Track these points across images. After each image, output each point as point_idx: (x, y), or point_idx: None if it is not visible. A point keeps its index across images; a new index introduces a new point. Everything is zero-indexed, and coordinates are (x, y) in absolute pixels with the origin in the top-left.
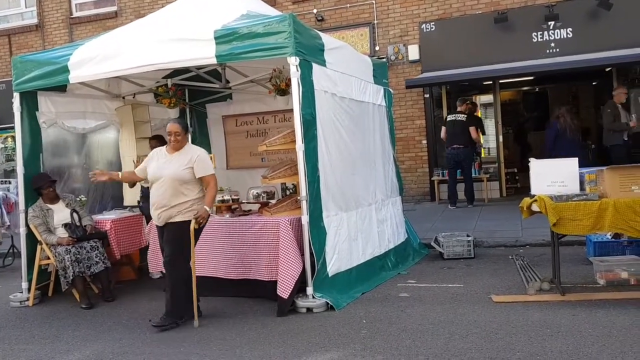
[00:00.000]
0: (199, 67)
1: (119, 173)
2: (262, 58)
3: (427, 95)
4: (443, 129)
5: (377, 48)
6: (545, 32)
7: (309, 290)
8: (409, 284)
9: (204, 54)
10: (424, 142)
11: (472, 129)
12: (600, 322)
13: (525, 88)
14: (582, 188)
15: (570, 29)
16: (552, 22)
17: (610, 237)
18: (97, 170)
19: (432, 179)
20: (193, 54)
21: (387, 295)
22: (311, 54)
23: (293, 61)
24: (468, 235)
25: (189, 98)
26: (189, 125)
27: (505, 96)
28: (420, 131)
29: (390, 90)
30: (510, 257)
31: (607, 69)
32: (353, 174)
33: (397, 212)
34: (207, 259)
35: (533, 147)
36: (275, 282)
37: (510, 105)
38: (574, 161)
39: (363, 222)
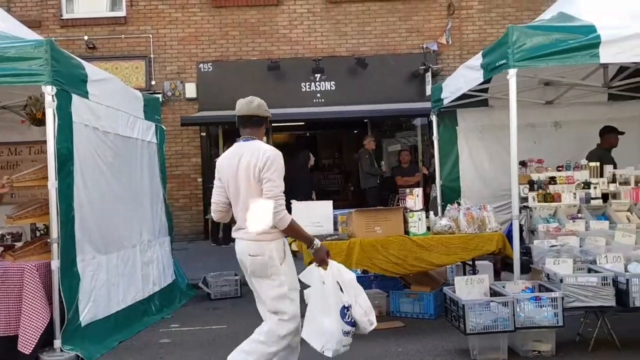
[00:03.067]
0: None
1: None
2: (12, 84)
3: (203, 134)
4: None
5: (153, 82)
6: (313, 83)
7: (57, 343)
8: (171, 329)
9: None
10: (200, 180)
11: None
12: (352, 355)
13: (297, 132)
14: (335, 228)
15: (334, 82)
16: (318, 75)
17: (360, 273)
18: None
19: (207, 217)
20: None
21: (147, 342)
22: (71, 84)
23: (49, 90)
24: (236, 274)
25: None
26: None
27: (279, 139)
28: (196, 169)
29: (163, 126)
30: None
31: (365, 120)
32: (116, 214)
33: (165, 253)
34: None
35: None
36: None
37: (283, 147)
38: (328, 204)
39: (125, 265)
